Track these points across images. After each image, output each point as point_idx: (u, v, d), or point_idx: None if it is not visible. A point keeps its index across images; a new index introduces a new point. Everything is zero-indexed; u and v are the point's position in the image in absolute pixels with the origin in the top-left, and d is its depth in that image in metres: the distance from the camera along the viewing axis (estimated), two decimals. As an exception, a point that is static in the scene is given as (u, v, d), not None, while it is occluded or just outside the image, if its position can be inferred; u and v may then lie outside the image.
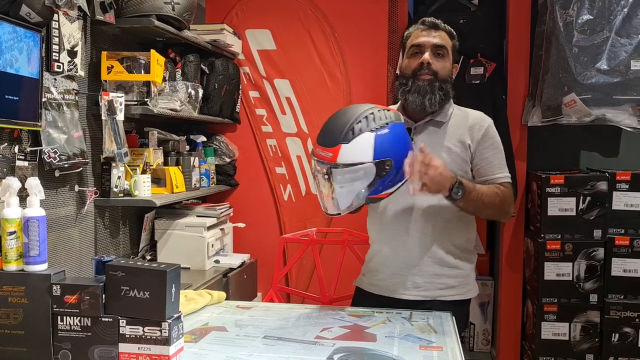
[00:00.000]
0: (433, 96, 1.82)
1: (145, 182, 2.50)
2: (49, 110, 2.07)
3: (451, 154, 1.84)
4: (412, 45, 1.87)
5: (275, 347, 1.46)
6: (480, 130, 1.86)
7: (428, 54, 1.83)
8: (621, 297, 2.81)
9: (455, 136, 1.86)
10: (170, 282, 1.27)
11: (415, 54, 1.86)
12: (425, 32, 1.86)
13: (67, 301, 1.28)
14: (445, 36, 1.87)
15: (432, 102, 1.82)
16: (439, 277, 1.86)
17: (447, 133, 1.86)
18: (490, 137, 1.87)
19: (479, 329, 3.47)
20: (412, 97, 1.83)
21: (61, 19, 2.11)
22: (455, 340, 1.53)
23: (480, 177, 1.86)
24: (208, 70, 3.05)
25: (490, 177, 1.85)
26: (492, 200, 1.78)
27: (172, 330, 1.27)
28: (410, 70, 1.86)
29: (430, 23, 1.87)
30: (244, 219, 3.27)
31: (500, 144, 1.89)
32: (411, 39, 1.89)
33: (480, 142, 1.85)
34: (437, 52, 1.84)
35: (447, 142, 1.85)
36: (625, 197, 2.82)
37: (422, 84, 1.82)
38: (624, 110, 2.78)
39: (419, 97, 1.82)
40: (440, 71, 1.84)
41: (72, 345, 1.29)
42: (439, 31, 1.86)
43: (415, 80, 1.84)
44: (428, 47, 1.84)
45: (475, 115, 1.91)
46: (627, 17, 2.71)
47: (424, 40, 1.85)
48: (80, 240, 2.34)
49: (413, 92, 1.83)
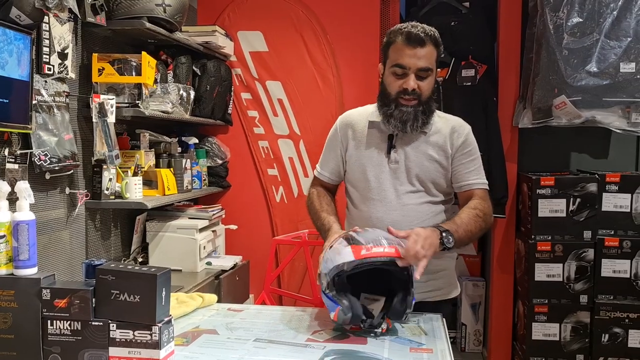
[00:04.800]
0: (415, 122, 1.79)
1: (137, 185, 2.50)
2: (39, 112, 2.06)
3: (432, 161, 1.85)
4: (396, 64, 1.78)
5: (266, 349, 1.47)
6: (460, 137, 1.86)
7: (412, 80, 1.76)
8: (611, 298, 2.84)
9: (437, 144, 1.86)
10: (160, 285, 1.27)
11: (399, 74, 1.78)
12: (411, 52, 1.75)
13: (57, 305, 1.28)
14: (431, 51, 1.78)
15: (413, 127, 1.80)
16: (424, 281, 1.86)
17: (429, 141, 1.86)
18: (469, 144, 1.87)
19: (470, 329, 3.49)
20: (394, 122, 1.80)
21: (51, 21, 2.10)
22: (446, 342, 1.54)
23: (457, 183, 1.87)
24: (200, 72, 3.05)
25: (467, 183, 1.86)
26: (477, 225, 1.78)
27: (162, 334, 1.27)
28: (393, 91, 1.80)
29: (416, 39, 1.75)
30: (236, 221, 3.26)
31: (477, 150, 1.89)
32: (395, 53, 1.79)
33: (459, 148, 1.86)
34: (421, 75, 1.78)
35: (428, 150, 1.85)
36: (615, 198, 2.84)
37: (406, 110, 1.79)
38: (614, 112, 2.81)
39: (400, 124, 1.80)
40: (424, 92, 1.80)
41: (62, 350, 1.29)
42: (425, 47, 1.76)
43: (398, 105, 1.79)
44: (413, 70, 1.76)
45: (455, 121, 1.90)
46: (617, 20, 2.74)
47: (409, 62, 1.76)
48: (71, 243, 2.33)
49: (395, 118, 1.80)
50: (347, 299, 1.55)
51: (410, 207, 1.83)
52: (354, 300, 1.56)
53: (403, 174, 1.85)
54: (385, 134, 1.87)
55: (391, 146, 1.85)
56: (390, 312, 1.59)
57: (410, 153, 1.85)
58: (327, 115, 3.24)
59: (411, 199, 1.84)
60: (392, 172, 1.85)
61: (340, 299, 1.55)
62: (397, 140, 1.86)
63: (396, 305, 1.58)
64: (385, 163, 1.86)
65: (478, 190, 1.86)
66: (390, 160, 1.85)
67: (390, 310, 1.59)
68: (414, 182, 1.85)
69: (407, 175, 1.85)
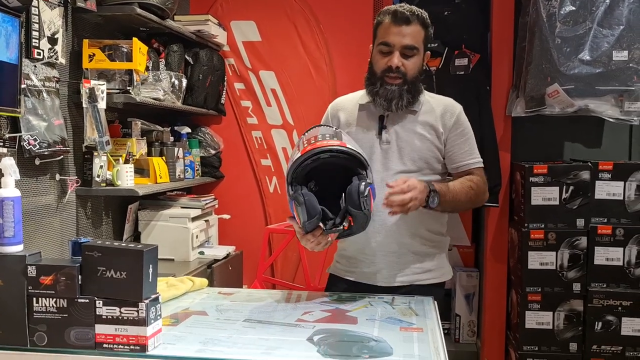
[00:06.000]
0: (400, 100, 1.81)
1: (128, 172, 2.48)
2: (28, 97, 2.05)
3: (424, 140, 1.85)
4: (382, 42, 1.81)
5: (255, 329, 1.46)
6: (452, 118, 1.87)
7: (397, 57, 1.78)
8: (604, 286, 2.83)
9: (428, 123, 1.86)
10: (147, 262, 1.26)
11: (385, 52, 1.81)
12: (397, 29, 1.78)
13: (43, 282, 1.27)
14: (417, 30, 1.80)
15: (399, 105, 1.82)
16: (416, 262, 1.87)
17: (419, 120, 1.86)
18: (461, 124, 1.88)
19: (464, 320, 3.48)
20: (379, 100, 1.83)
21: (41, 5, 2.09)
22: (436, 322, 1.53)
23: (453, 164, 1.88)
24: (192, 61, 3.03)
25: (463, 163, 1.88)
26: (468, 195, 1.83)
27: (149, 311, 1.25)
28: (379, 69, 1.82)
29: (402, 17, 1.78)
30: (229, 211, 3.25)
31: (470, 129, 1.91)
32: (382, 32, 1.82)
33: (451, 129, 1.86)
34: (406, 53, 1.80)
35: (419, 129, 1.86)
36: (608, 186, 2.84)
37: (390, 88, 1.80)
38: (606, 101, 2.81)
39: (385, 102, 1.82)
40: (409, 72, 1.81)
41: (48, 327, 1.27)
42: (410, 25, 1.78)
43: (383, 83, 1.81)
44: (398, 47, 1.78)
45: (446, 102, 1.91)
46: (609, 9, 2.73)
47: (394, 39, 1.78)
48: (61, 231, 2.31)
49: (380, 96, 1.82)
50: (302, 196, 1.57)
51: None
52: (308, 195, 1.58)
53: (395, 153, 1.85)
54: (375, 115, 1.88)
55: (382, 127, 1.86)
56: (347, 200, 1.59)
57: (402, 133, 1.85)
58: (320, 105, 3.20)
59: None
60: (384, 152, 1.86)
61: (296, 197, 1.57)
62: (387, 121, 1.87)
63: (350, 190, 1.58)
64: (377, 144, 1.86)
65: (474, 169, 1.89)
66: (382, 141, 1.86)
67: (345, 200, 1.59)
68: (406, 162, 1.85)
69: (400, 155, 1.85)
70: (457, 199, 1.79)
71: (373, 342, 1.37)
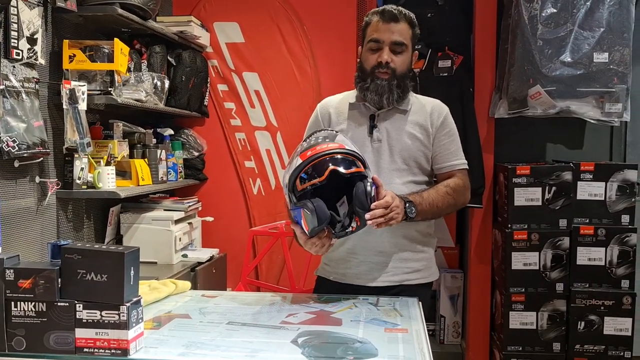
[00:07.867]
0: (391, 95, 1.83)
1: (110, 174, 2.45)
2: (7, 98, 2.01)
3: (414, 139, 1.87)
4: (371, 39, 1.84)
5: (239, 332, 1.44)
6: (440, 117, 1.90)
7: (386, 53, 1.82)
8: (586, 286, 2.86)
9: (418, 123, 1.88)
10: (128, 264, 1.24)
11: (374, 49, 1.85)
12: (385, 27, 1.82)
13: (21, 286, 1.24)
14: (405, 28, 1.84)
15: (389, 100, 1.84)
16: (405, 262, 1.87)
17: (409, 120, 1.89)
18: (448, 124, 1.91)
19: (449, 321, 3.49)
20: (370, 95, 1.85)
21: (20, 4, 2.05)
22: (421, 323, 1.53)
23: (437, 164, 1.90)
24: (175, 63, 3.01)
25: (448, 164, 1.90)
26: (445, 201, 1.84)
27: (130, 314, 1.23)
28: (369, 66, 1.85)
29: (389, 15, 1.83)
30: (212, 214, 3.23)
31: (456, 131, 1.94)
32: (370, 30, 1.86)
33: (439, 129, 1.89)
34: (395, 49, 1.83)
35: (409, 128, 1.88)
36: (590, 187, 2.87)
37: (380, 83, 1.83)
38: (588, 102, 2.84)
39: (376, 97, 1.84)
40: (398, 67, 1.84)
41: (27, 332, 1.24)
42: (398, 23, 1.83)
43: (374, 78, 1.84)
44: (387, 44, 1.82)
45: (433, 102, 1.95)
46: (590, 11, 2.77)
47: (383, 36, 1.82)
48: (41, 234, 2.27)
49: (371, 91, 1.84)
50: (310, 203, 1.58)
51: (394, 186, 1.82)
52: (317, 201, 1.59)
53: (386, 152, 1.86)
54: (366, 114, 1.90)
55: (373, 125, 1.87)
56: (354, 202, 1.61)
57: (392, 131, 1.87)
58: (304, 106, 3.22)
59: (394, 177, 1.85)
60: (375, 151, 1.87)
61: (305, 204, 1.58)
62: (378, 120, 1.89)
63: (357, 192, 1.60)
64: (368, 142, 1.87)
65: (456, 171, 1.90)
66: (373, 139, 1.87)
67: (353, 202, 1.61)
68: (397, 160, 1.86)
69: (390, 153, 1.86)
70: (435, 205, 1.81)
71: (358, 343, 1.36)
